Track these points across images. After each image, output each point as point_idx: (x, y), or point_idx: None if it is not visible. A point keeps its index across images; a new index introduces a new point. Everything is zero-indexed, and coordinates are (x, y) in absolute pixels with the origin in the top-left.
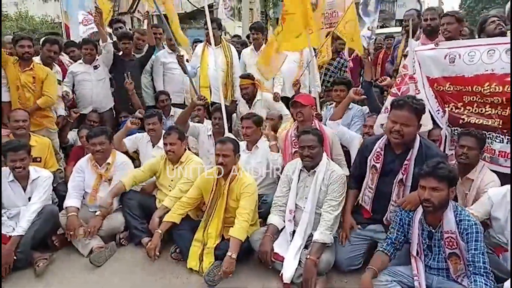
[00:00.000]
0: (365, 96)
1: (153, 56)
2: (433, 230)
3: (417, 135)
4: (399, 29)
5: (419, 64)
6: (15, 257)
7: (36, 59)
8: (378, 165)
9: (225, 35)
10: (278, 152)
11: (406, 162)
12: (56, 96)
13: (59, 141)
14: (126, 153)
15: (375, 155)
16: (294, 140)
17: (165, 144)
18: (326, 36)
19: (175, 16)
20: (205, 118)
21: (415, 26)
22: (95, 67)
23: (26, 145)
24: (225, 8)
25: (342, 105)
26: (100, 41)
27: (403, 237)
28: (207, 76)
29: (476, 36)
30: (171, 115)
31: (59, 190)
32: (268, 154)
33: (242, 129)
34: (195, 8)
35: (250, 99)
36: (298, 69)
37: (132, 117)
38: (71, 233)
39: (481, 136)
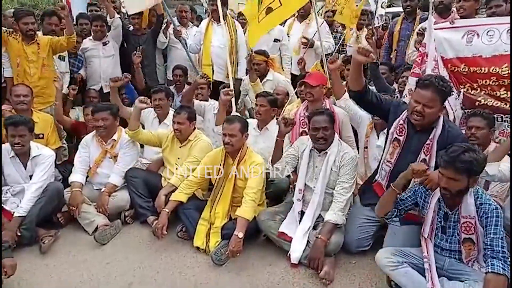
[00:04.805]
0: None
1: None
2: (449, 212)
3: (441, 115)
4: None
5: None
6: (19, 234)
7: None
8: (401, 139)
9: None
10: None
11: (428, 142)
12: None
13: None
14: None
15: (398, 128)
16: (302, 120)
17: (173, 122)
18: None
19: None
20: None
21: (415, 6)
22: (104, 44)
23: (28, 121)
24: None
25: (336, 80)
26: (108, 17)
27: (409, 203)
28: (209, 53)
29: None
30: None
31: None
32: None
33: (256, 107)
34: None
35: (260, 76)
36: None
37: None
38: (73, 208)
39: (488, 115)
